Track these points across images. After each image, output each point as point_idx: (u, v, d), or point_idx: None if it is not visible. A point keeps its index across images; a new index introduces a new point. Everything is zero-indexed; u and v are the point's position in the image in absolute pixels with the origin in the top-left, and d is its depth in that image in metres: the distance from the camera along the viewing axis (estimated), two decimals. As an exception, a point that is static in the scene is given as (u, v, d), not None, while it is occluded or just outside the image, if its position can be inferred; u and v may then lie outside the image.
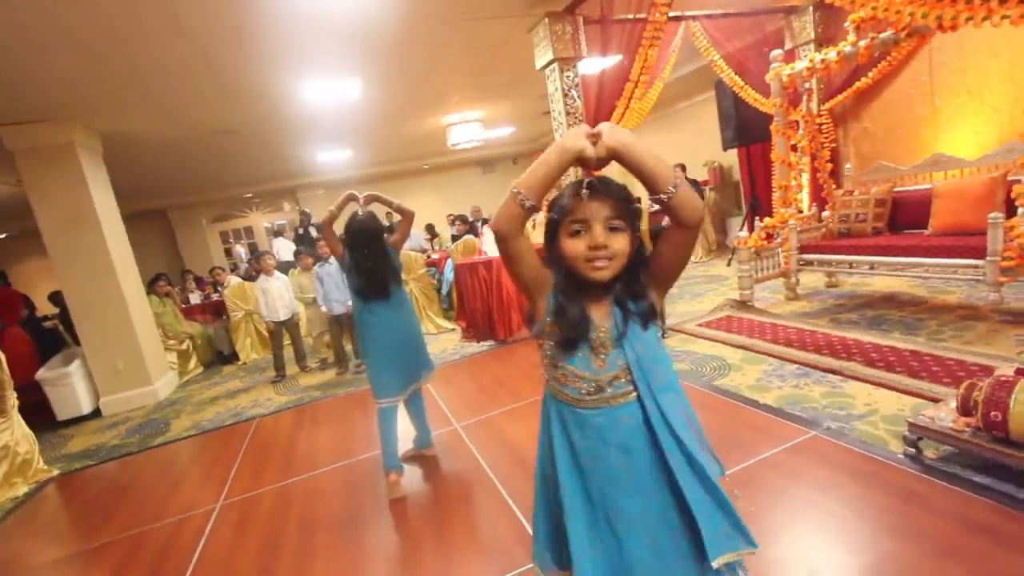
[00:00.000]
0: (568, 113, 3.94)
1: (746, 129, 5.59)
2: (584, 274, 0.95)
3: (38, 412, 4.59)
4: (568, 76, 3.91)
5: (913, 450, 1.93)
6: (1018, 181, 2.80)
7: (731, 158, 7.46)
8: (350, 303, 4.58)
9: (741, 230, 4.35)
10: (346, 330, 4.66)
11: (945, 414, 1.87)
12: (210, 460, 3.21)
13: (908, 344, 2.92)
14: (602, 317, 0.96)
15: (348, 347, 4.78)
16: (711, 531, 0.91)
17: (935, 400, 2.26)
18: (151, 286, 5.80)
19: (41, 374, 4.57)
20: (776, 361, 3.06)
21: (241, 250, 9.22)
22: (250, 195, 10.36)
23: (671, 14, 3.64)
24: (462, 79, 5.55)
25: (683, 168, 7.06)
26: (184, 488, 2.87)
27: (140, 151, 5.90)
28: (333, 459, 2.87)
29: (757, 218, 5.60)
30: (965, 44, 3.63)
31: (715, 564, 0.90)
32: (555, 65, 3.87)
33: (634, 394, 0.95)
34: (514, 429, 2.79)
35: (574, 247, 0.94)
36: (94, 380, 4.77)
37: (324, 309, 4.50)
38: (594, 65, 3.99)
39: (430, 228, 9.15)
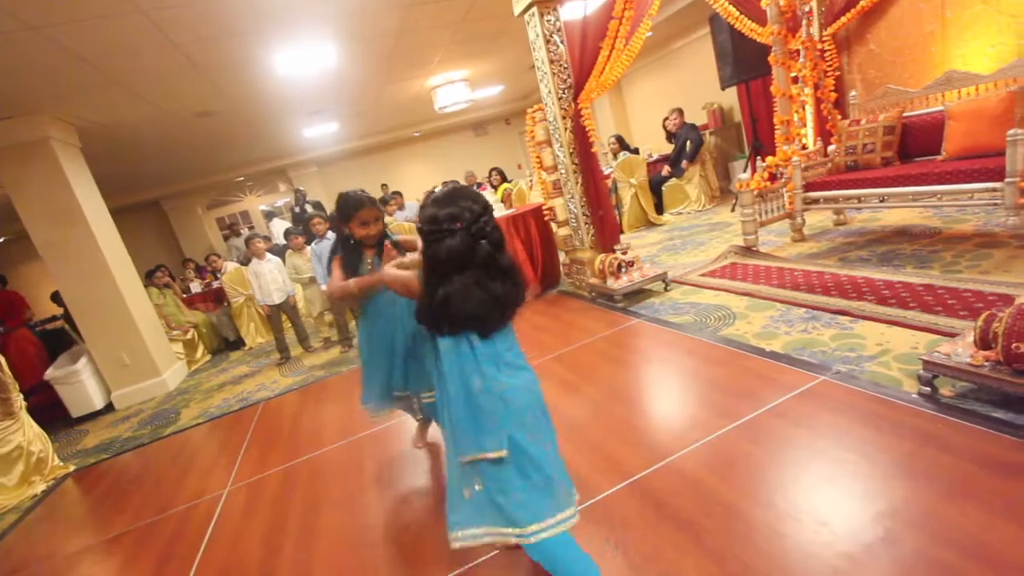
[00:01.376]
0: (552, 61, 3.72)
1: (744, 64, 5.28)
2: None
3: (55, 411, 4.67)
4: (549, 20, 3.67)
5: (928, 389, 1.84)
6: (1039, 93, 2.58)
7: (731, 98, 7.12)
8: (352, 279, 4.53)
9: (744, 172, 4.14)
10: (348, 306, 4.60)
11: (962, 349, 1.76)
12: (218, 446, 3.23)
13: (921, 278, 2.78)
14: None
15: (352, 323, 4.74)
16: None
17: (951, 335, 2.15)
18: (149, 278, 5.78)
19: (50, 373, 4.61)
20: (783, 306, 2.95)
21: (237, 240, 9.08)
22: (242, 178, 10.20)
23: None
24: (441, 36, 5.27)
25: (680, 112, 6.77)
26: (193, 475, 2.89)
27: (120, 142, 5.76)
28: (337, 437, 2.85)
29: (760, 159, 5.37)
30: (979, -54, 3.32)
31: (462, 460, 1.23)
32: (535, 9, 3.62)
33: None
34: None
35: None
36: (103, 376, 4.80)
37: (323, 287, 4.43)
38: (576, 10, 3.73)
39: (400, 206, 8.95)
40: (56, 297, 5.56)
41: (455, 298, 1.19)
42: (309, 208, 7.07)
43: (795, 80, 3.89)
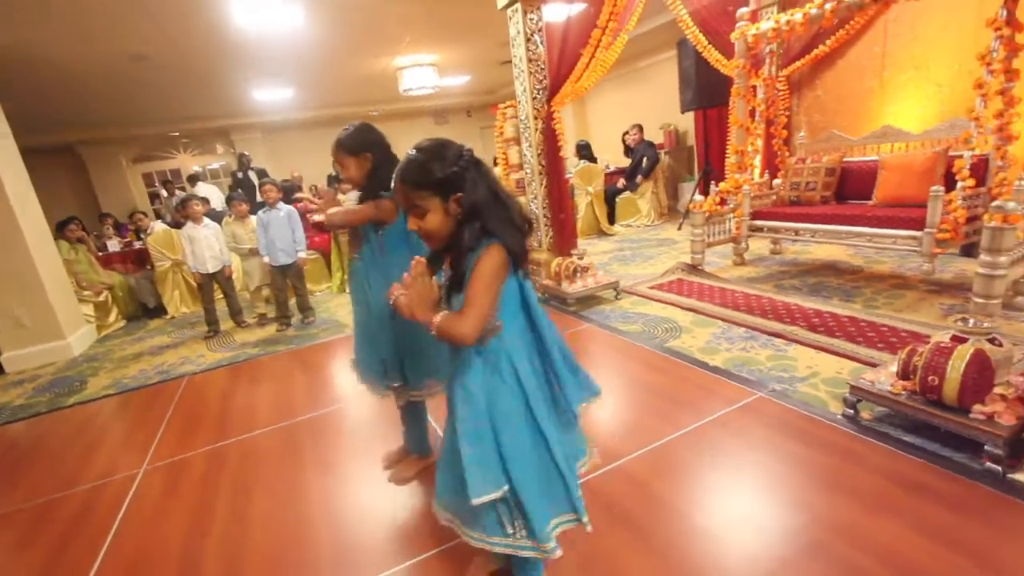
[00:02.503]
0: (530, 60, 3.73)
1: (705, 92, 5.55)
2: None
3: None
4: (532, 19, 3.67)
5: (851, 411, 2.02)
6: (959, 156, 2.91)
7: (687, 122, 7.46)
8: (301, 253, 4.30)
9: (694, 195, 4.37)
10: (291, 282, 4.37)
11: (885, 378, 1.95)
12: (133, 421, 2.96)
13: (846, 311, 3.05)
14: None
15: (292, 301, 4.51)
16: (470, 472, 1.08)
17: (871, 364, 2.38)
18: (60, 230, 5.19)
19: (-74, 326, 4.02)
20: (724, 324, 3.13)
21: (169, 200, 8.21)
22: (176, 134, 9.40)
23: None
24: (416, 15, 5.13)
25: (640, 129, 7.01)
26: (102, 452, 2.63)
27: (36, 72, 5.13)
28: (273, 419, 2.70)
29: (712, 183, 5.68)
30: (919, 17, 3.70)
31: (473, 502, 1.06)
32: (518, 6, 3.61)
33: None
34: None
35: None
36: (-7, 333, 4.26)
37: (266, 259, 4.18)
38: (558, 12, 3.77)
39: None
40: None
41: (516, 218, 1.09)
42: (252, 175, 6.64)
43: (752, 114, 4.14)
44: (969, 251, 3.43)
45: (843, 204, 3.59)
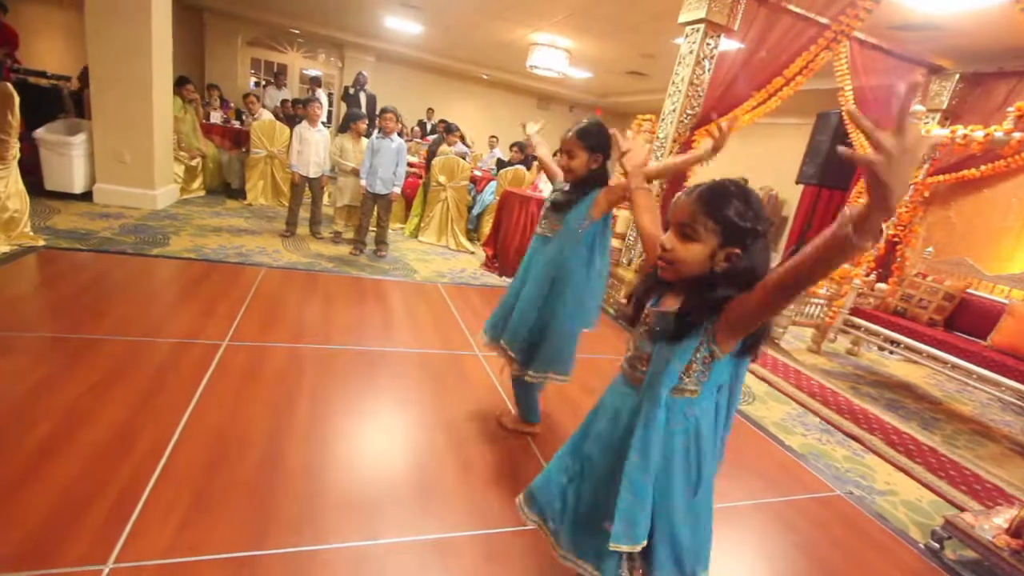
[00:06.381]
0: (692, 83, 3.65)
1: (830, 171, 5.37)
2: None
3: (26, 172, 4.20)
4: (709, 43, 3.59)
5: (937, 545, 1.95)
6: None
7: (789, 192, 7.28)
8: (396, 188, 4.32)
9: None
10: (379, 211, 4.40)
11: (988, 526, 1.87)
12: (214, 293, 3.01)
13: (926, 439, 2.95)
14: (665, 305, 1.05)
15: (372, 232, 4.54)
16: (621, 520, 1.01)
17: (953, 504, 2.30)
18: (178, 87, 5.30)
19: (41, 133, 4.15)
20: (799, 408, 3.06)
21: (278, 92, 8.28)
22: (296, 32, 9.51)
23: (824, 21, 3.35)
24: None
25: (745, 181, 6.86)
26: (185, 312, 2.68)
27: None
28: (349, 340, 2.73)
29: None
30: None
31: (611, 546, 1.02)
32: (701, 26, 3.53)
33: (639, 382, 1.06)
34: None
35: (661, 240, 1.04)
36: (94, 162, 4.38)
37: (363, 183, 4.21)
38: (726, 45, 3.67)
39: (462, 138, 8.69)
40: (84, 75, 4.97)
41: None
42: (363, 96, 6.69)
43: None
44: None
45: (951, 334, 3.46)
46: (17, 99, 3.08)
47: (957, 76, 4.43)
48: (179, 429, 1.76)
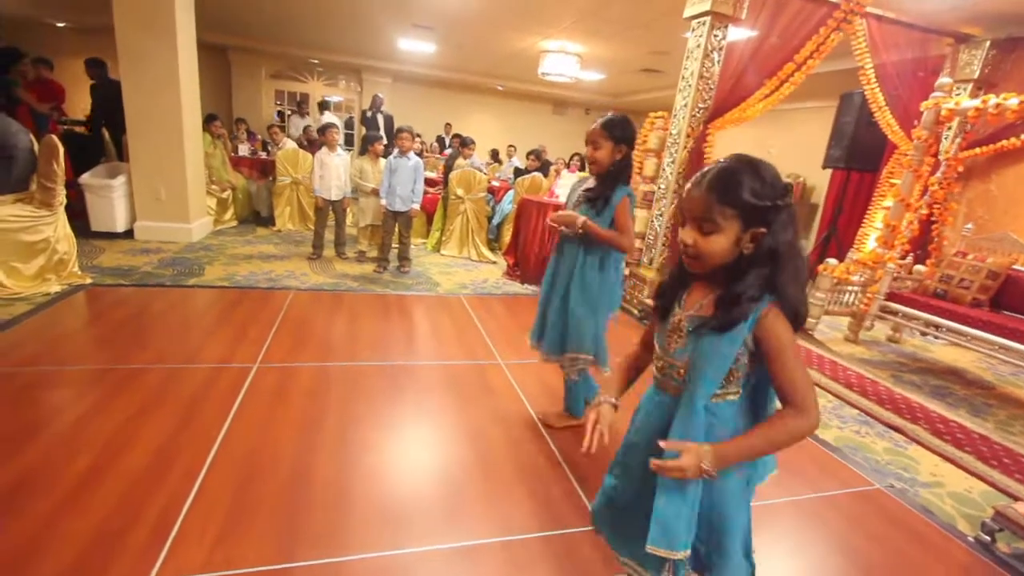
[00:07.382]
0: (701, 76, 3.61)
1: (857, 154, 5.20)
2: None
3: (73, 216, 4.50)
4: (716, 35, 3.54)
5: (988, 538, 1.84)
6: None
7: (817, 178, 7.05)
8: (415, 204, 4.42)
9: (821, 257, 4.13)
10: (399, 228, 4.50)
11: (1043, 517, 1.76)
12: (246, 318, 3.15)
13: (976, 426, 2.79)
14: (693, 303, 0.99)
15: (395, 249, 4.65)
16: (658, 523, 0.97)
17: (1008, 494, 2.17)
18: (206, 124, 5.58)
19: (86, 178, 4.45)
20: (835, 400, 2.95)
21: (300, 121, 8.62)
22: (316, 62, 9.87)
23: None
24: (586, 1, 5.06)
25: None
26: (219, 338, 2.82)
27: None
28: (374, 356, 2.80)
29: (832, 249, 5.34)
30: None
31: (648, 548, 0.97)
32: (707, 19, 3.49)
33: (676, 391, 1.00)
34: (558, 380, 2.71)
35: (681, 236, 0.97)
36: (133, 201, 4.65)
37: (383, 202, 4.32)
38: (746, 35, 3.61)
39: (494, 154, 8.81)
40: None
41: (804, 279, 0.94)
42: (380, 117, 6.87)
43: (921, 191, 3.83)
44: None
45: (998, 313, 3.28)
46: (62, 150, 3.31)
47: (988, 43, 4.22)
48: (213, 450, 1.85)
